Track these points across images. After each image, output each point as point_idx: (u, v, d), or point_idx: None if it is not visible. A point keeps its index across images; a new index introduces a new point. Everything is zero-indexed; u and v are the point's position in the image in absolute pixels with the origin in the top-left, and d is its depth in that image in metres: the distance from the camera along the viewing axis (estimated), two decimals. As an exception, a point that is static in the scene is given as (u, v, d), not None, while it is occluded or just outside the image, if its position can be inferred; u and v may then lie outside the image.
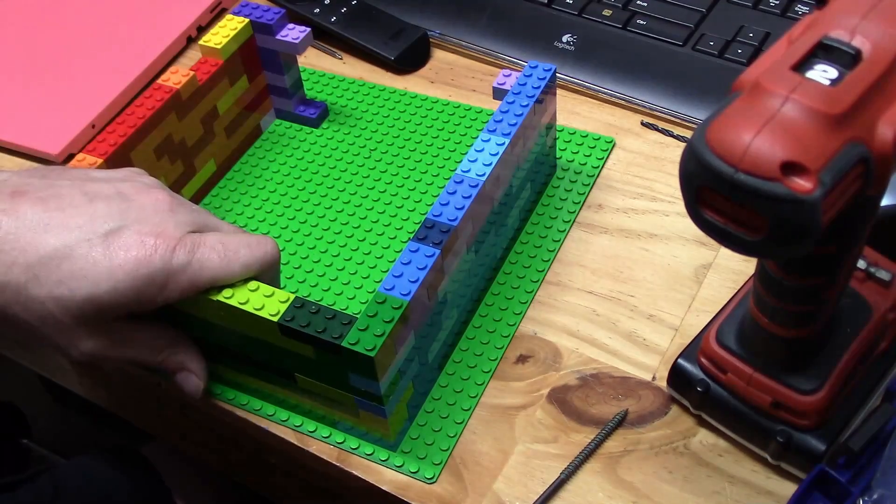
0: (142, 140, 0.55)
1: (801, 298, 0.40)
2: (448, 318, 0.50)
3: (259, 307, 0.44)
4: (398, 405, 0.46)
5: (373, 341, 0.42)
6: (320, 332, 0.43)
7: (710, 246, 0.56)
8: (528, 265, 0.56)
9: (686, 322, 0.52)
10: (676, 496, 0.45)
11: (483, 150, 0.50)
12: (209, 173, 0.62)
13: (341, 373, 0.44)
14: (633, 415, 0.49)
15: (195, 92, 0.58)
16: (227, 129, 0.63)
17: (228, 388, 0.51)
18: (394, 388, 0.45)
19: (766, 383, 0.43)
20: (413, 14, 0.73)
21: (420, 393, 0.49)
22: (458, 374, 0.51)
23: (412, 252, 0.46)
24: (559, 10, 0.71)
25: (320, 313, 0.43)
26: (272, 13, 0.61)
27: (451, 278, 0.48)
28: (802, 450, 0.43)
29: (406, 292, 0.44)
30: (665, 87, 0.65)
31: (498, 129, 0.51)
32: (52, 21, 0.76)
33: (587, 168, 0.61)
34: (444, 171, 0.62)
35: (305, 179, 0.62)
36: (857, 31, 0.33)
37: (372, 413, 0.46)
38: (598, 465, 0.47)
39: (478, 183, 0.48)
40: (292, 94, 0.65)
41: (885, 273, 0.46)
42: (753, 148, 0.31)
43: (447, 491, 0.47)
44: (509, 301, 0.54)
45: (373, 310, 0.43)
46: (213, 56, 0.60)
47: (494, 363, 0.51)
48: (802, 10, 0.68)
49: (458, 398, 0.50)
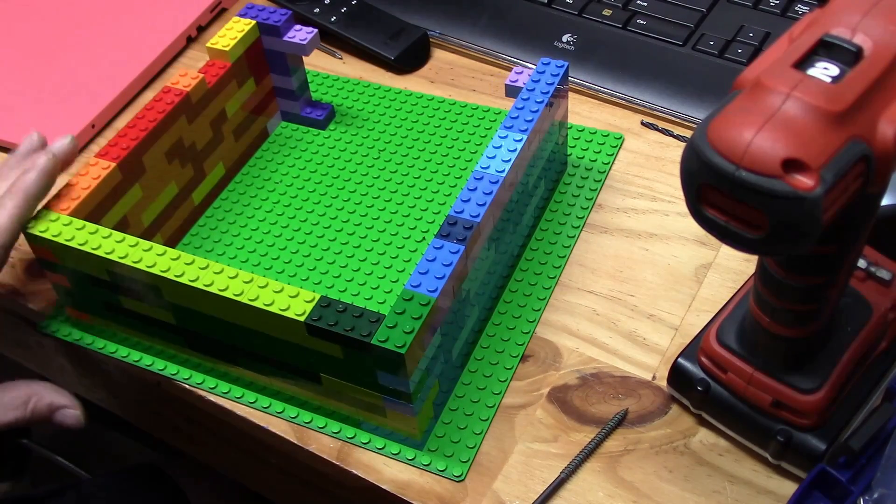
0: (153, 143, 0.55)
1: (801, 297, 0.40)
2: (470, 316, 0.50)
3: (285, 308, 0.44)
4: (425, 403, 0.46)
5: (403, 338, 0.42)
6: (349, 330, 0.42)
7: (711, 246, 0.56)
8: (543, 262, 0.56)
9: (686, 322, 0.52)
10: (677, 495, 0.45)
11: (501, 147, 0.50)
12: (218, 177, 0.62)
13: (370, 371, 0.44)
14: (634, 414, 0.49)
15: (204, 95, 0.58)
16: (236, 132, 0.62)
17: (249, 392, 0.51)
18: (422, 386, 0.45)
19: (767, 382, 0.43)
20: (413, 14, 0.73)
21: (444, 391, 0.49)
22: (480, 372, 0.51)
23: (437, 249, 0.46)
24: (559, 10, 0.71)
25: (347, 312, 0.43)
26: (279, 14, 0.61)
27: (472, 275, 0.48)
28: (803, 449, 0.43)
29: (433, 289, 0.44)
30: (665, 86, 0.65)
31: (515, 126, 0.51)
32: (51, 20, 0.76)
33: (598, 164, 0.61)
34: (455, 171, 0.62)
35: (315, 181, 0.62)
36: (858, 28, 0.33)
37: (400, 412, 0.46)
38: (599, 465, 0.47)
39: (498, 179, 0.49)
40: (299, 96, 0.65)
41: (885, 272, 0.46)
42: (755, 145, 0.31)
43: (447, 490, 0.47)
44: (528, 298, 0.54)
45: (401, 307, 0.43)
46: (222, 58, 0.59)
47: (516, 360, 0.51)
48: (802, 9, 0.68)
49: (483, 395, 0.50)
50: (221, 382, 0.52)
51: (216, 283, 0.45)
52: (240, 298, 0.45)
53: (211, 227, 0.60)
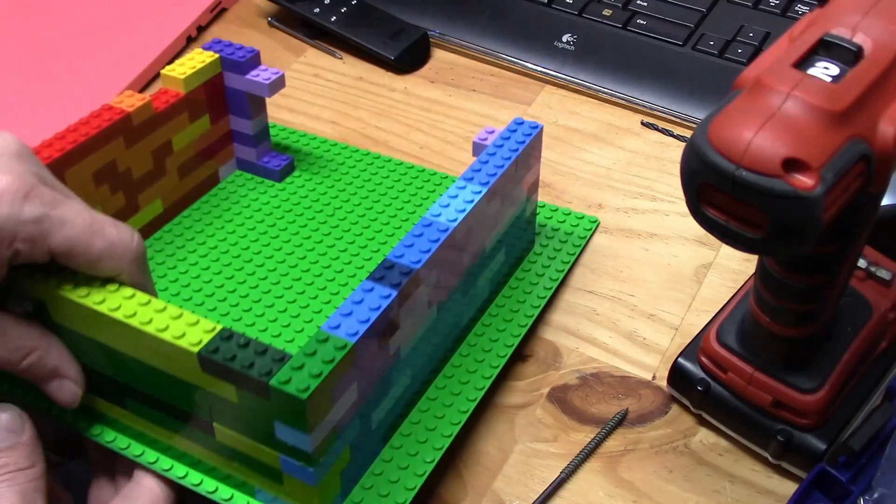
0: (80, 160, 0.50)
1: (801, 297, 0.40)
2: (400, 382, 0.44)
3: (179, 335, 0.37)
4: (329, 472, 0.39)
5: (306, 382, 0.35)
6: (246, 367, 0.36)
7: (711, 245, 0.56)
8: (495, 338, 0.50)
9: (686, 321, 0.52)
10: (677, 495, 0.45)
11: (457, 197, 0.46)
12: (155, 213, 0.57)
13: (266, 421, 0.37)
14: (634, 414, 0.49)
15: (149, 120, 0.54)
16: (181, 170, 0.58)
17: (137, 443, 0.43)
18: (326, 449, 0.38)
19: (767, 382, 0.43)
20: (413, 14, 0.73)
21: (359, 465, 0.43)
22: (405, 449, 0.44)
23: (366, 291, 0.40)
24: (559, 10, 0.71)
25: (249, 347, 0.37)
26: (245, 51, 0.58)
27: (408, 334, 0.43)
28: (803, 449, 0.43)
29: (353, 332, 0.38)
30: (665, 86, 0.65)
31: (475, 178, 0.47)
32: (50, 20, 0.76)
33: (567, 246, 0.56)
34: (407, 226, 0.58)
35: (260, 231, 0.58)
36: (858, 28, 0.33)
37: (298, 478, 0.38)
38: (599, 465, 0.47)
39: (447, 228, 0.44)
40: (256, 143, 0.61)
41: (885, 272, 0.46)
42: (755, 145, 0.31)
43: (447, 490, 0.47)
44: (471, 374, 0.48)
45: (312, 348, 0.37)
46: (175, 86, 0.56)
47: (447, 440, 0.45)
48: (802, 9, 0.68)
49: (403, 475, 0.43)
50: (107, 430, 0.44)
51: (108, 301, 0.39)
52: (130, 321, 0.38)
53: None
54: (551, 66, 0.68)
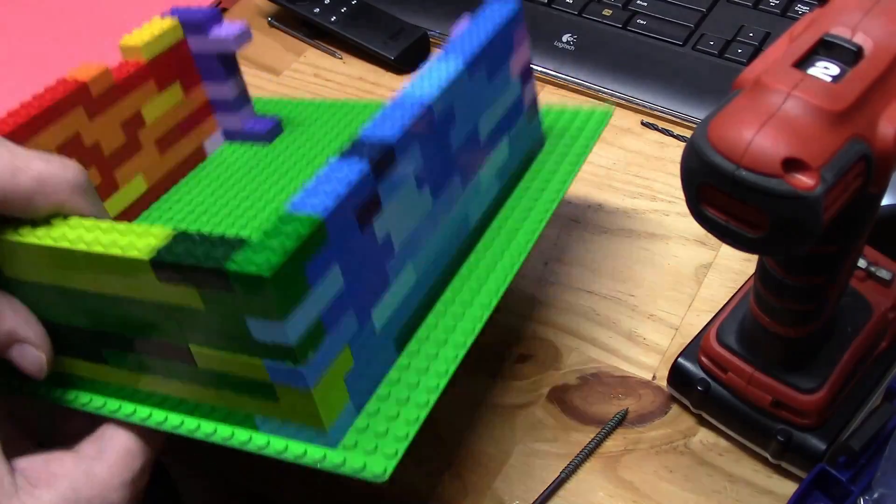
0: (39, 131, 0.49)
1: (801, 297, 0.40)
2: (403, 279, 0.40)
3: (127, 246, 0.33)
4: (327, 375, 0.35)
5: (266, 258, 0.31)
6: (201, 259, 0.32)
7: (711, 245, 0.56)
8: (512, 236, 0.46)
9: (686, 321, 0.52)
10: (677, 495, 0.45)
11: (433, 72, 0.42)
12: (138, 191, 0.56)
13: (239, 323, 0.33)
14: (634, 414, 0.49)
15: (109, 90, 0.52)
16: (160, 144, 0.56)
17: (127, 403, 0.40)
18: (313, 344, 0.34)
19: (767, 382, 0.43)
20: (413, 14, 0.73)
21: (368, 372, 0.38)
22: (423, 351, 0.40)
23: (334, 168, 0.36)
24: (559, 9, 0.71)
25: (204, 242, 0.33)
26: (204, 12, 0.55)
27: (396, 216, 0.39)
28: (803, 449, 0.43)
29: (321, 207, 0.34)
30: (665, 86, 0.65)
31: (451, 53, 0.43)
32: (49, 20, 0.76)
33: (581, 139, 0.52)
34: None
35: (255, 198, 0.55)
36: (858, 28, 0.33)
37: (291, 386, 0.34)
38: (598, 465, 0.47)
39: (424, 101, 0.40)
40: (238, 108, 0.59)
41: (885, 272, 0.46)
42: (755, 144, 0.31)
43: (447, 490, 0.47)
44: (491, 271, 0.44)
45: (275, 230, 0.33)
46: (135, 56, 0.54)
47: (472, 335, 0.40)
48: (802, 9, 0.68)
49: (423, 378, 0.39)
50: (82, 393, 0.41)
51: (50, 233, 0.36)
52: (77, 246, 0.35)
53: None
54: (551, 65, 0.68)
